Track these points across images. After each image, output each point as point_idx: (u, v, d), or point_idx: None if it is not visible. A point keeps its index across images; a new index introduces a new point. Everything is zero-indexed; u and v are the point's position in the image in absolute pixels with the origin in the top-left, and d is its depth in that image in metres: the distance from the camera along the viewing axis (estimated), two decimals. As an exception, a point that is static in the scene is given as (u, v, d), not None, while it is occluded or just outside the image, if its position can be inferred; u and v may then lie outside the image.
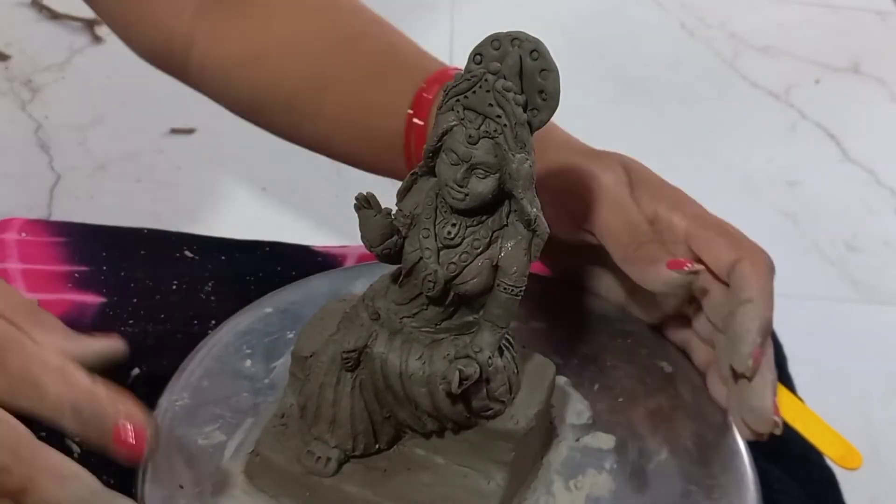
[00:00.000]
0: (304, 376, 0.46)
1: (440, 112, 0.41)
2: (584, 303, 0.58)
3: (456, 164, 0.41)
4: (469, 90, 0.40)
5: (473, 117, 0.40)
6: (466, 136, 0.40)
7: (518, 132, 0.40)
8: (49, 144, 1.43)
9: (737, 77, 1.76)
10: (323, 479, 0.45)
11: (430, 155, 0.42)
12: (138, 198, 1.35)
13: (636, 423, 0.52)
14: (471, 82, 0.40)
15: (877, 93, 1.76)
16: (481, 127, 0.40)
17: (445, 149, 0.41)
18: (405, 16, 1.81)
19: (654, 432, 0.51)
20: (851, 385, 1.22)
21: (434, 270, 0.42)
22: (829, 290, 1.37)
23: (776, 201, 1.51)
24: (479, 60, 0.41)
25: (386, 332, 0.44)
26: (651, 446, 0.51)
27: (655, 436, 0.51)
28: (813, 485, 0.58)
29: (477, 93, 0.40)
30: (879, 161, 1.60)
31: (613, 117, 1.63)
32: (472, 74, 0.40)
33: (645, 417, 0.52)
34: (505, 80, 0.40)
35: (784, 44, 1.83)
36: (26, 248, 0.63)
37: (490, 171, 0.41)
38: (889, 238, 1.47)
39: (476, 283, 0.42)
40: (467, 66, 0.41)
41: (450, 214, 0.42)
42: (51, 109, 1.46)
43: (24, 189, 1.35)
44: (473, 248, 0.42)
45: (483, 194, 0.41)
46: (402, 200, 0.43)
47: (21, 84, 1.49)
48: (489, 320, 0.43)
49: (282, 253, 0.67)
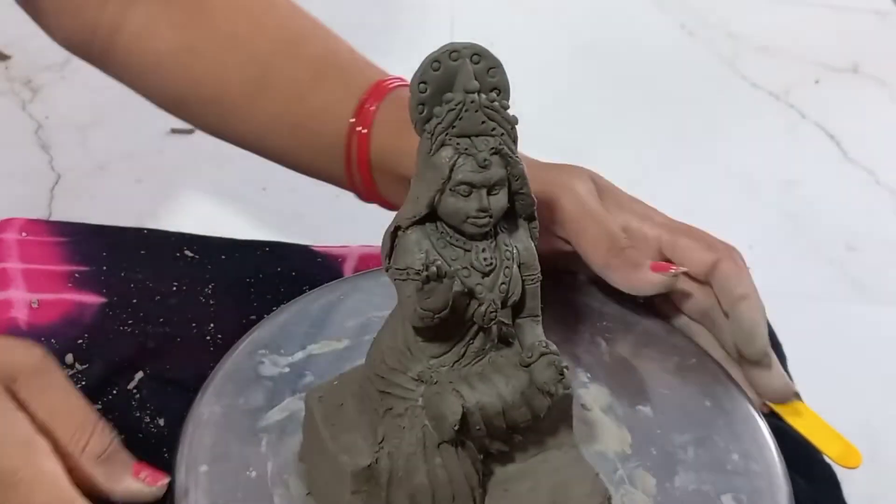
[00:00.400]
0: (385, 482, 0.43)
1: (431, 154, 0.41)
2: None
3: (469, 193, 0.40)
4: (456, 119, 0.40)
5: (471, 143, 0.40)
6: (478, 163, 0.40)
7: (513, 133, 0.41)
8: (49, 144, 1.43)
9: (737, 77, 1.76)
10: None
11: (434, 199, 0.41)
12: (138, 198, 1.35)
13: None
14: (455, 111, 0.40)
15: (877, 93, 1.76)
16: (484, 148, 0.40)
17: (453, 186, 0.40)
18: (405, 16, 1.81)
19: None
20: (851, 385, 1.22)
21: (491, 301, 0.42)
22: (828, 291, 1.37)
23: (776, 202, 1.51)
24: (425, 89, 0.41)
25: (459, 385, 0.42)
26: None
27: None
28: (815, 482, 0.58)
29: (464, 118, 0.40)
30: (879, 161, 1.60)
31: (613, 118, 1.63)
32: (454, 104, 0.40)
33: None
34: (487, 94, 0.40)
35: (784, 44, 1.83)
36: (26, 248, 0.63)
37: (504, 184, 0.41)
38: (889, 238, 1.47)
39: (519, 291, 0.43)
40: (413, 94, 0.41)
41: (467, 244, 0.42)
42: (51, 109, 1.47)
43: (25, 189, 1.35)
44: (505, 262, 0.42)
45: (504, 207, 0.41)
46: (391, 259, 0.42)
47: (21, 84, 1.49)
48: (528, 315, 0.43)
49: (282, 253, 0.67)
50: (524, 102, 1.86)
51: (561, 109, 1.64)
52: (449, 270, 0.40)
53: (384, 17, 1.72)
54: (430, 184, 0.41)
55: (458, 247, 0.42)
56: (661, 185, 1.53)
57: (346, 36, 0.68)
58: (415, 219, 0.42)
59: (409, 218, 0.42)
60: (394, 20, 1.72)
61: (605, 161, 1.58)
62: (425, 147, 0.41)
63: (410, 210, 0.42)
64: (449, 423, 0.40)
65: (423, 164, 0.41)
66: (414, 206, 0.41)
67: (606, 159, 1.55)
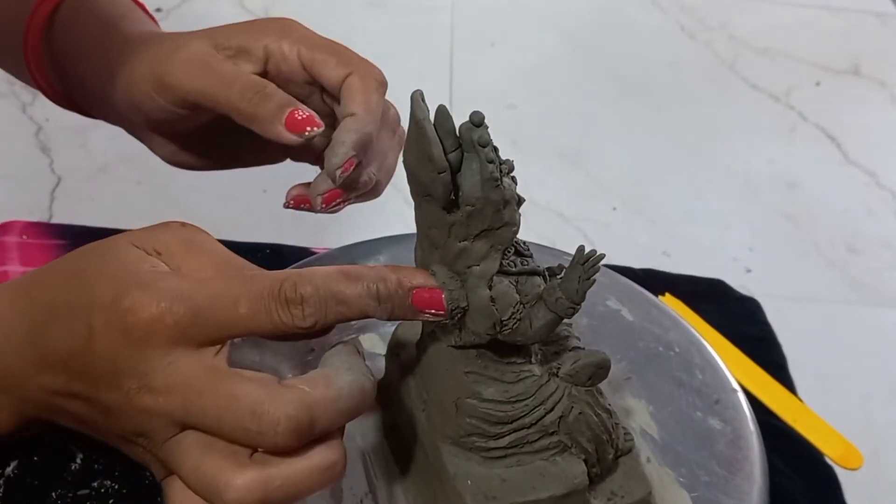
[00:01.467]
0: None
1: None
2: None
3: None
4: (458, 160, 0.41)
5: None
6: (499, 204, 0.41)
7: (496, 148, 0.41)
8: (50, 147, 1.43)
9: (737, 79, 1.76)
10: None
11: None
12: (139, 200, 1.36)
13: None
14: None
15: (877, 95, 1.76)
16: (501, 176, 0.41)
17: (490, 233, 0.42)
18: (405, 16, 1.82)
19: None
20: (852, 386, 1.22)
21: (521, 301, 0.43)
22: (829, 292, 1.37)
23: (776, 203, 1.51)
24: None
25: (540, 367, 0.45)
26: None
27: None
28: (816, 481, 0.58)
29: (467, 166, 0.41)
30: (879, 163, 1.60)
31: (614, 119, 1.64)
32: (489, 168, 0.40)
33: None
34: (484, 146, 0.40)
35: (784, 46, 1.84)
36: (27, 251, 0.63)
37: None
38: (889, 240, 1.47)
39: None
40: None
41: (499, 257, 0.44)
42: (51, 112, 1.46)
43: (25, 191, 1.35)
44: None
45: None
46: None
47: (22, 87, 1.49)
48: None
49: (283, 255, 0.67)
50: (524, 103, 1.87)
51: (561, 111, 1.64)
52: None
53: (384, 18, 1.72)
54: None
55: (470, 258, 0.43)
56: (661, 186, 1.53)
57: (347, 36, 0.68)
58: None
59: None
60: (394, 20, 1.72)
61: (605, 162, 1.59)
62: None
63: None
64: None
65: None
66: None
67: (607, 160, 1.56)
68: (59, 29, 0.58)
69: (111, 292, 0.37)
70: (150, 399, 0.37)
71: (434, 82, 1.57)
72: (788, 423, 0.60)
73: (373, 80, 0.52)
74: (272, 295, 0.38)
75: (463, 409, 0.44)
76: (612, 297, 0.60)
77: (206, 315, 0.37)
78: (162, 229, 0.41)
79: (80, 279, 0.39)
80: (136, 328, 0.37)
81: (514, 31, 1.79)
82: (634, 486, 0.46)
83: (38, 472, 0.49)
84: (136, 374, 0.37)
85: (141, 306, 0.37)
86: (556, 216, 1.43)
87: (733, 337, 0.67)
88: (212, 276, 0.39)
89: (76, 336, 0.38)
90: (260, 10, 1.68)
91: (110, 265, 0.39)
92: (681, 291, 0.70)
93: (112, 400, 0.38)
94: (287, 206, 0.54)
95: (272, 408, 0.36)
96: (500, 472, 0.44)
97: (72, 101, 0.61)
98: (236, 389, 0.36)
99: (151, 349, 0.37)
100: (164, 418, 0.37)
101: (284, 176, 0.70)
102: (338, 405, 0.37)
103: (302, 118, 0.49)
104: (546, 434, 0.44)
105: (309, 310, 0.38)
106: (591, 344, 0.49)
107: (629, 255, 0.95)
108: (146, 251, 0.40)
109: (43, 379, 0.39)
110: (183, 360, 0.37)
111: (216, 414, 0.36)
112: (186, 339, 0.37)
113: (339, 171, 0.50)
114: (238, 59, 0.53)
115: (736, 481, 0.50)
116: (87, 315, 0.38)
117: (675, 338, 0.58)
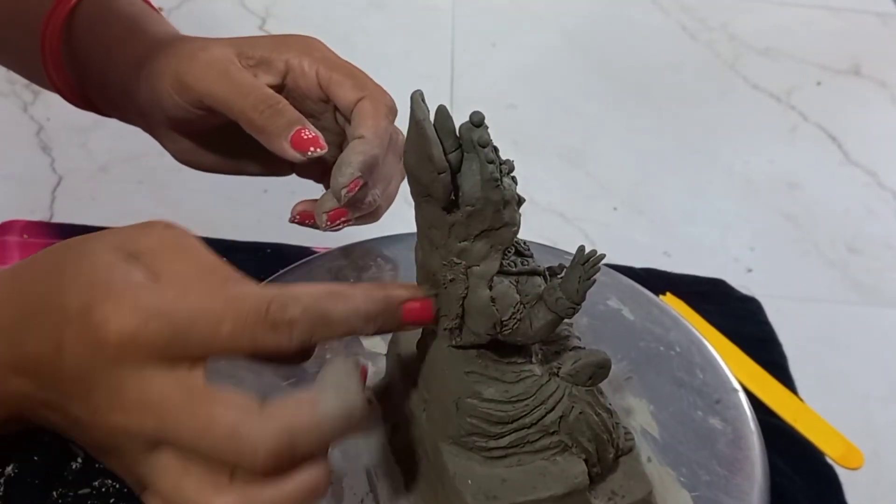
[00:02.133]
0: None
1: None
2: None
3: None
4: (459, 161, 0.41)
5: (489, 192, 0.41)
6: (499, 205, 0.41)
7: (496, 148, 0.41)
8: (51, 146, 1.43)
9: (738, 79, 1.76)
10: None
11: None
12: (140, 199, 1.35)
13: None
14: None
15: (878, 95, 1.76)
16: (501, 177, 0.41)
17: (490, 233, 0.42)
18: (406, 16, 1.82)
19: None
20: (852, 386, 1.22)
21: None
22: (830, 293, 1.37)
23: (777, 203, 1.51)
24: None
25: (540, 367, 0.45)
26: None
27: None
28: (816, 481, 0.58)
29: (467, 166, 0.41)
30: (880, 163, 1.60)
31: (615, 119, 1.64)
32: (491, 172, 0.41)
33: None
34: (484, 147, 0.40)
35: (785, 46, 1.84)
36: (28, 251, 0.64)
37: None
38: (890, 240, 1.47)
39: None
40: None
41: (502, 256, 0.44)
42: (52, 111, 1.47)
43: (26, 191, 1.35)
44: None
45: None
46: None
47: (23, 86, 1.49)
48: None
49: (284, 255, 0.67)
50: (525, 103, 1.87)
51: (562, 111, 1.64)
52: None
53: (385, 18, 1.72)
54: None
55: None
56: (662, 186, 1.53)
57: (346, 37, 0.68)
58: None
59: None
60: (394, 20, 1.72)
61: (606, 162, 1.59)
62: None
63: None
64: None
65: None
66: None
67: (607, 161, 1.56)
68: (79, 26, 0.59)
69: (82, 299, 0.35)
70: (122, 417, 0.35)
71: (434, 82, 1.57)
72: (789, 423, 0.61)
73: (384, 105, 0.54)
74: (258, 316, 0.36)
75: (463, 408, 0.44)
76: (613, 297, 0.60)
77: (185, 333, 0.35)
78: (145, 230, 0.39)
79: (56, 277, 0.37)
80: (108, 343, 0.35)
81: (514, 32, 1.79)
82: (635, 485, 0.46)
83: (39, 472, 0.49)
84: (106, 389, 0.35)
85: (114, 320, 0.35)
86: (557, 216, 1.43)
87: (734, 337, 0.67)
88: (194, 288, 0.36)
89: (47, 341, 0.36)
90: (261, 10, 1.68)
91: (84, 269, 0.37)
92: (682, 291, 0.70)
93: (82, 414, 0.36)
94: (292, 221, 0.56)
95: (251, 432, 0.34)
96: (501, 471, 0.44)
97: (85, 99, 0.62)
98: (214, 411, 0.35)
99: (123, 366, 0.35)
100: (137, 437, 0.35)
101: (285, 176, 0.71)
102: (321, 430, 0.36)
103: (308, 138, 0.51)
104: (547, 434, 0.44)
105: (296, 332, 0.37)
106: (592, 343, 0.49)
107: (630, 255, 0.95)
108: (128, 252, 0.37)
109: (17, 382, 0.37)
110: (158, 377, 0.35)
111: (192, 436, 0.35)
112: (162, 357, 0.35)
113: (345, 191, 0.51)
114: (258, 70, 0.54)
115: (736, 481, 0.50)
116: (58, 319, 0.36)
117: (676, 337, 0.58)
